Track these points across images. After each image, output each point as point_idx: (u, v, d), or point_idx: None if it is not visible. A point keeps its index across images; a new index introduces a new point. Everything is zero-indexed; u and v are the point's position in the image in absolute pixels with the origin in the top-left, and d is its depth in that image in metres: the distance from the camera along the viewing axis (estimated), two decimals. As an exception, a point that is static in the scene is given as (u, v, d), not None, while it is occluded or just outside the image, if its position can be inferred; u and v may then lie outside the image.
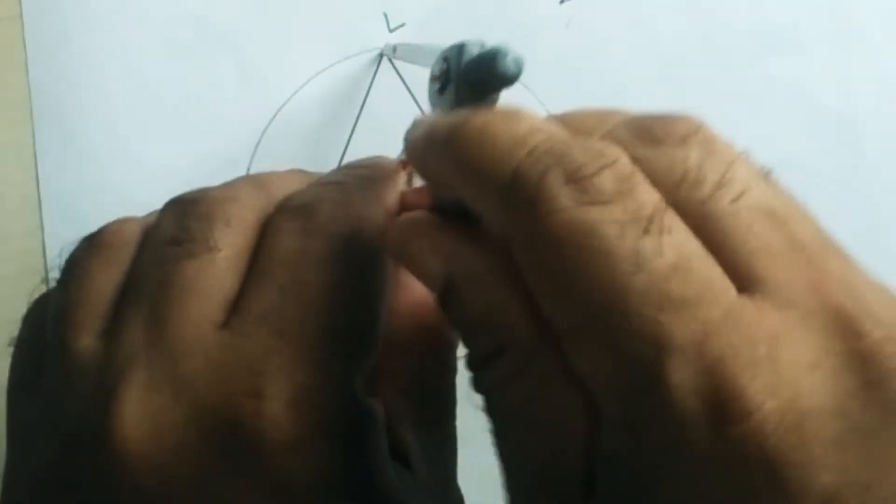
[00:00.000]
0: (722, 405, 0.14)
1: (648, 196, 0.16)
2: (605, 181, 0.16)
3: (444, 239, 0.19)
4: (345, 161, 0.37)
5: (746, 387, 0.14)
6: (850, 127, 0.40)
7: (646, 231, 0.16)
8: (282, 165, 0.37)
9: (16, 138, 0.35)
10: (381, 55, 0.36)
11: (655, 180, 0.17)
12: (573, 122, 0.19)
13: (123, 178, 0.35)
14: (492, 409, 0.18)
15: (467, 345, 0.19)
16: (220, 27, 0.36)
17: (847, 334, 0.15)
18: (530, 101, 0.38)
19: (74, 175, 0.35)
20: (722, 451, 0.14)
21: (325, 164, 0.36)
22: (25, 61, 0.35)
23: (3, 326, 0.36)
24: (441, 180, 0.19)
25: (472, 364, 0.19)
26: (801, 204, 0.18)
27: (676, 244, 0.16)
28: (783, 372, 0.15)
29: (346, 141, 0.37)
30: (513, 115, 0.18)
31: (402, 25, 0.37)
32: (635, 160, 0.17)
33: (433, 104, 0.22)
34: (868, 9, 0.39)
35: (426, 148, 0.19)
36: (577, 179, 0.16)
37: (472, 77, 0.20)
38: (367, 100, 0.37)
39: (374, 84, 0.37)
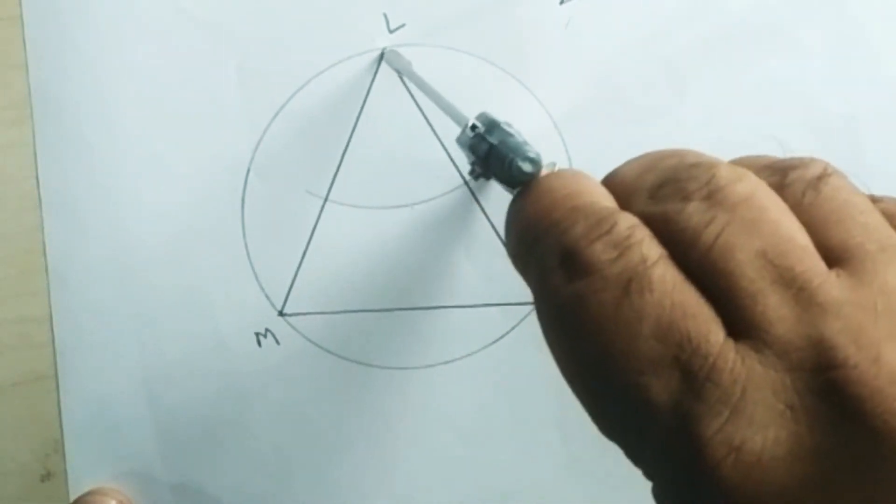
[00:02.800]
0: (689, 462, 0.15)
1: (636, 257, 0.17)
2: (594, 252, 0.17)
3: None
4: (345, 162, 0.37)
5: (711, 440, 0.15)
6: (850, 127, 0.40)
7: (625, 294, 0.17)
8: (282, 166, 0.37)
9: (16, 138, 0.35)
10: (381, 56, 0.36)
11: (660, 234, 0.18)
12: (619, 178, 0.21)
13: (123, 178, 0.35)
14: None
15: None
16: (220, 27, 0.36)
17: (823, 365, 0.15)
18: (530, 102, 0.38)
19: (74, 175, 0.35)
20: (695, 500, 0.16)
21: (325, 164, 0.36)
22: (25, 61, 0.35)
23: (4, 326, 0.36)
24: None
25: None
26: (838, 210, 0.18)
27: (657, 301, 0.16)
28: (752, 419, 0.15)
29: (346, 141, 0.37)
30: (552, 185, 0.20)
31: (403, 26, 0.37)
32: (646, 217, 0.18)
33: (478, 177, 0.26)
34: (868, 9, 0.39)
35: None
36: (569, 255, 0.18)
37: (498, 177, 0.23)
38: (368, 100, 0.37)
39: (374, 84, 0.37)
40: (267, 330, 0.36)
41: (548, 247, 0.18)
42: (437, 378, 0.37)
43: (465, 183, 0.37)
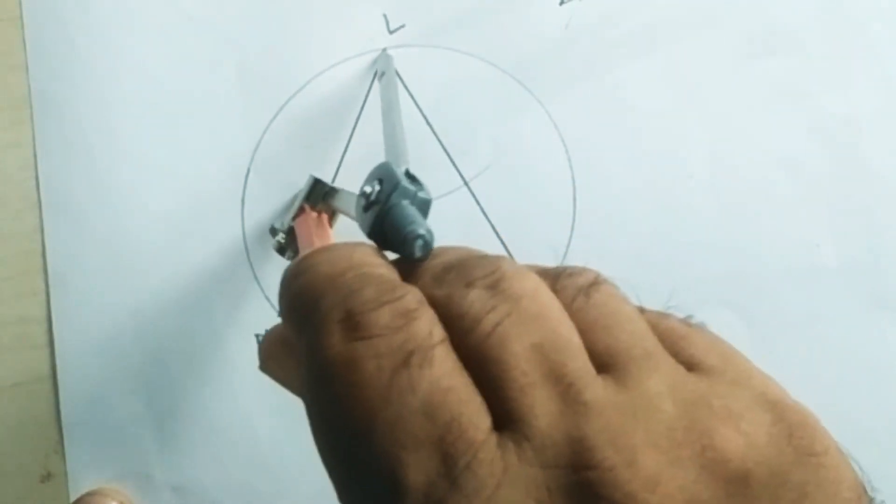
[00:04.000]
0: None
1: (421, 331, 0.17)
2: (381, 317, 0.17)
3: (292, 361, 0.21)
4: (344, 163, 0.37)
5: None
6: (850, 128, 0.40)
7: (404, 365, 0.16)
8: (282, 166, 0.37)
9: (16, 138, 0.35)
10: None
11: (441, 317, 0.17)
12: (409, 266, 0.20)
13: (123, 178, 0.35)
14: None
15: None
16: (220, 27, 0.36)
17: (579, 464, 0.15)
18: (530, 102, 0.38)
19: (74, 175, 0.35)
20: None
21: (325, 164, 0.36)
22: (25, 61, 0.35)
23: (4, 327, 0.36)
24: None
25: None
26: (608, 318, 0.18)
27: (434, 379, 0.16)
28: None
29: (346, 141, 0.37)
30: (340, 254, 0.20)
31: (403, 26, 0.37)
32: (428, 298, 0.18)
33: (357, 217, 0.23)
34: (869, 10, 0.39)
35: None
36: (354, 315, 0.17)
37: (387, 231, 0.21)
38: (367, 101, 0.37)
39: (373, 85, 0.37)
40: (266, 330, 0.36)
41: (333, 303, 0.18)
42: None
43: (465, 184, 0.37)
